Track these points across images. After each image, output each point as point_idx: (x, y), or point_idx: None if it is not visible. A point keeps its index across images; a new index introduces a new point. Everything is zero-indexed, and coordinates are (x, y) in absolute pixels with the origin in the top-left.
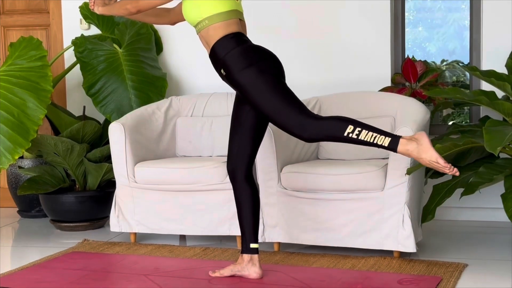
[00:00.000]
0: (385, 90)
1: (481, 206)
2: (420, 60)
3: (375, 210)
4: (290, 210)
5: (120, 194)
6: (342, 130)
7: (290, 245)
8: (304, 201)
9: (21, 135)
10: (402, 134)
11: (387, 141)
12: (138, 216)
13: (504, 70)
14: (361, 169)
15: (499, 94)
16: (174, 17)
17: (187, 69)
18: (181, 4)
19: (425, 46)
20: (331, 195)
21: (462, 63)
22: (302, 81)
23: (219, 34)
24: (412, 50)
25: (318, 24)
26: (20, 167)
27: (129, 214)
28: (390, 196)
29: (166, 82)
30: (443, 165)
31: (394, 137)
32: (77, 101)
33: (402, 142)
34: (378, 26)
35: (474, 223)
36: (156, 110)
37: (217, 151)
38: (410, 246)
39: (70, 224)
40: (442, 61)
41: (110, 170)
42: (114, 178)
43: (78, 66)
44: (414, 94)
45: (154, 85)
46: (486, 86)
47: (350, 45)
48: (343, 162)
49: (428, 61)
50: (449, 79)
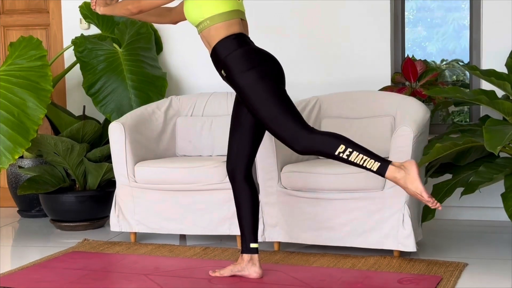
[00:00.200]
0: (385, 89)
1: (481, 206)
2: (420, 59)
3: (375, 209)
4: (290, 209)
5: (120, 194)
6: (333, 148)
7: (290, 244)
8: (304, 200)
9: (21, 135)
10: (392, 159)
11: (376, 165)
12: (138, 215)
13: (504, 69)
14: (361, 168)
15: (499, 93)
16: (176, 16)
17: (187, 68)
18: (182, 3)
19: (425, 45)
20: (331, 195)
21: (462, 62)
22: (302, 80)
23: (221, 35)
24: (412, 50)
25: (318, 23)
26: (20, 167)
27: (129, 213)
28: (390, 195)
29: (166, 82)
30: (427, 199)
31: (384, 162)
32: (77, 100)
33: (391, 168)
34: (378, 26)
35: (474, 223)
36: (156, 109)
37: (217, 151)
38: (410, 245)
39: (70, 223)
40: (442, 60)
41: (110, 169)
42: (114, 177)
43: (78, 65)
44: (414, 94)
45: (154, 84)
46: (486, 85)
47: (350, 44)
48: None
49: (428, 60)
50: (449, 79)
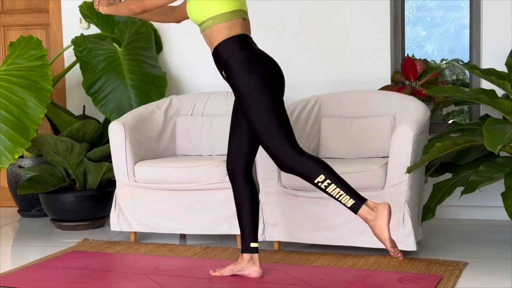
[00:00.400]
0: (385, 88)
1: (481, 205)
2: (420, 59)
3: None
4: (290, 209)
5: (120, 193)
6: (313, 176)
7: (290, 244)
8: (304, 200)
9: (21, 135)
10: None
11: (351, 202)
12: (138, 215)
13: (504, 69)
14: (361, 167)
15: (499, 92)
16: (179, 15)
17: (187, 68)
18: (186, 1)
19: (424, 45)
20: None
21: (462, 62)
22: (302, 80)
23: (223, 35)
24: (411, 49)
25: (318, 23)
26: (20, 167)
27: (129, 213)
28: (390, 194)
29: (166, 81)
30: (389, 248)
31: (359, 201)
32: (77, 100)
33: (364, 208)
34: (378, 25)
35: (474, 222)
36: (156, 109)
37: (217, 150)
38: (410, 244)
39: (70, 223)
40: (442, 60)
41: (110, 169)
42: (114, 177)
43: (78, 65)
44: (414, 93)
45: (154, 84)
46: (486, 85)
47: (350, 43)
48: (344, 160)
49: (427, 60)
50: (449, 78)
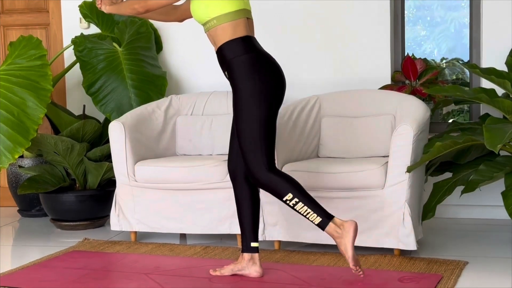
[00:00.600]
0: (385, 88)
1: (481, 204)
2: (419, 58)
3: (376, 208)
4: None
5: (120, 193)
6: (282, 194)
7: (290, 243)
8: None
9: (21, 134)
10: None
11: (318, 220)
12: (138, 215)
13: (504, 68)
14: (361, 167)
15: (499, 91)
16: (182, 13)
17: (187, 67)
18: (189, 1)
19: (424, 44)
20: (332, 193)
21: (462, 61)
22: (302, 79)
23: (227, 36)
24: (411, 48)
25: (319, 22)
26: (20, 166)
27: (129, 213)
28: (390, 194)
29: (166, 81)
30: (351, 266)
31: (326, 218)
32: (77, 100)
33: (331, 226)
34: (378, 25)
35: (474, 221)
36: (156, 108)
37: (217, 150)
38: (410, 244)
39: (71, 223)
40: (442, 59)
41: (110, 169)
42: (114, 177)
43: (78, 65)
44: (414, 92)
45: (154, 83)
46: (486, 84)
47: (350, 43)
48: (344, 160)
49: (427, 59)
50: (449, 77)
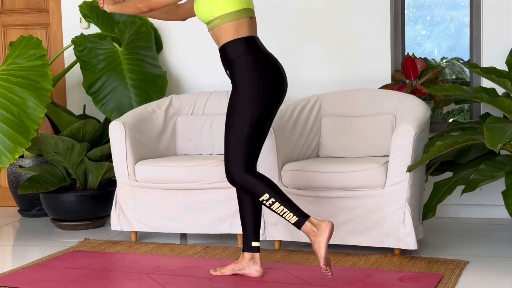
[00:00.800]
0: (385, 87)
1: (481, 203)
2: (420, 57)
3: (376, 207)
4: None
5: (120, 193)
6: (258, 194)
7: (291, 243)
8: (304, 199)
9: (21, 134)
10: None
11: (294, 219)
12: (138, 214)
13: (504, 67)
14: (362, 166)
15: (500, 91)
16: (185, 12)
17: (187, 67)
18: (192, 0)
19: (424, 43)
20: (332, 193)
21: (462, 60)
22: (302, 78)
23: (230, 35)
24: (412, 48)
25: (318, 22)
26: (20, 166)
27: (129, 212)
28: (391, 193)
29: (166, 81)
30: (321, 265)
31: (302, 217)
32: (77, 100)
33: (307, 225)
34: (378, 24)
35: (474, 220)
36: (156, 108)
37: (217, 150)
38: (411, 243)
39: (71, 223)
40: (442, 58)
41: (111, 169)
42: (114, 177)
43: (78, 65)
44: (414, 92)
45: (154, 83)
46: (486, 83)
47: (350, 42)
48: (344, 159)
49: (428, 58)
50: (449, 76)
